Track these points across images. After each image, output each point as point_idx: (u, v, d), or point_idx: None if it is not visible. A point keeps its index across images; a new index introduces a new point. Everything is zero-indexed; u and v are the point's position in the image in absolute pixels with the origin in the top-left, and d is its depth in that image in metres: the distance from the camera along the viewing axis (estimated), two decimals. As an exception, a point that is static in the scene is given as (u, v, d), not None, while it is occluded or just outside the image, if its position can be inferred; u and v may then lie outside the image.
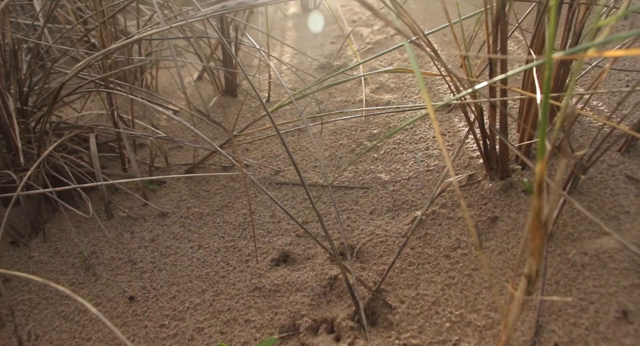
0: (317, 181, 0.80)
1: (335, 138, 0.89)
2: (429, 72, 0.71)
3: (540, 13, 0.64)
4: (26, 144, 0.82)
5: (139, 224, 0.77)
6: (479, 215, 0.66)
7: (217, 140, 0.93)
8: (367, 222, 0.71)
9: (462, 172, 0.73)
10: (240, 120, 0.99)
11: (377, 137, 0.87)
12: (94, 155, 0.79)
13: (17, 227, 0.79)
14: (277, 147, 0.90)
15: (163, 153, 0.88)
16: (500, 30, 0.57)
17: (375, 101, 0.97)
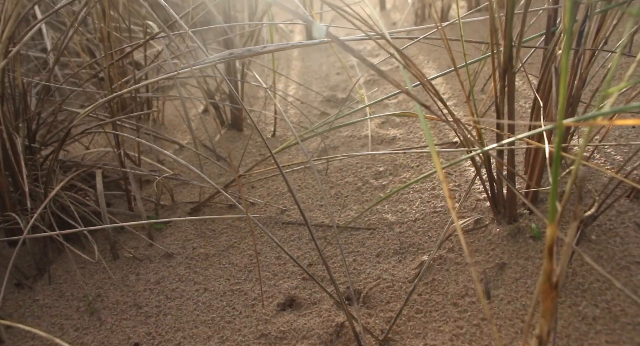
0: (322, 221, 0.80)
1: (341, 175, 0.89)
2: (436, 117, 0.71)
3: (547, 60, 0.64)
4: (32, 182, 0.83)
5: (145, 265, 0.77)
6: (487, 261, 0.65)
7: (223, 176, 0.94)
8: (373, 265, 0.71)
9: (469, 214, 0.73)
10: (247, 155, 0.99)
11: (382, 174, 0.87)
12: (100, 195, 0.80)
13: (22, 268, 0.79)
14: (283, 184, 0.90)
15: (169, 190, 0.88)
16: (508, 80, 0.57)
17: (380, 136, 0.97)
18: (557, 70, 0.58)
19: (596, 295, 0.56)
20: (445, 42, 0.64)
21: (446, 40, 0.65)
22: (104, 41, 0.76)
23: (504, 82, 0.56)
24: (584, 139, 0.39)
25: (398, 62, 0.55)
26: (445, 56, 1.28)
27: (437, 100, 0.58)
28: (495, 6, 0.54)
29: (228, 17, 1.00)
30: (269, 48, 0.64)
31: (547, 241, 0.40)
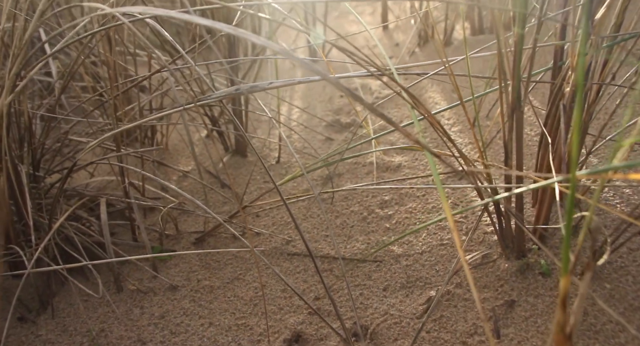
0: (328, 252, 0.79)
1: (347, 204, 0.89)
2: (442, 152, 0.71)
3: (554, 95, 0.64)
4: (36, 212, 0.82)
5: (149, 298, 0.76)
6: (496, 297, 0.64)
7: (228, 204, 0.93)
8: (380, 300, 0.70)
9: (477, 248, 0.72)
10: (251, 182, 0.99)
11: (388, 203, 0.87)
12: (104, 226, 0.79)
13: (24, 300, 0.78)
14: (288, 213, 0.89)
15: (173, 220, 0.88)
16: (516, 120, 0.56)
17: (385, 164, 0.96)
18: (565, 108, 0.58)
19: (609, 338, 0.55)
20: (451, 78, 0.64)
21: (452, 76, 0.65)
22: (110, 73, 0.76)
23: (512, 121, 0.56)
24: (596, 194, 0.38)
25: (405, 100, 0.55)
26: (450, 79, 1.28)
27: (446, 140, 0.58)
28: (503, 44, 0.54)
29: (232, 47, 1.00)
30: (275, 84, 0.64)
31: (560, 292, 0.39)
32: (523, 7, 0.47)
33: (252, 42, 0.48)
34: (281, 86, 0.64)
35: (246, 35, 0.41)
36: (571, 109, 0.57)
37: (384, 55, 0.67)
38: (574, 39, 0.60)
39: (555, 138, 0.63)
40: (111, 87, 0.75)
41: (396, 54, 1.55)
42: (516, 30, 0.50)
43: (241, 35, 0.40)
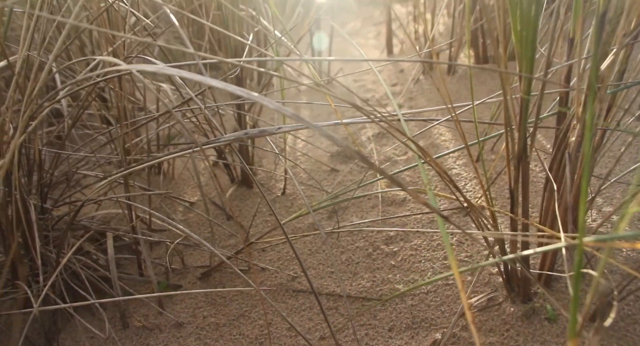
0: (334, 290, 0.79)
1: (352, 239, 0.89)
2: (446, 195, 0.71)
3: (559, 140, 0.65)
4: (43, 246, 0.83)
5: (155, 336, 0.76)
6: (502, 343, 0.64)
7: (234, 238, 0.93)
8: (386, 341, 0.70)
9: (482, 290, 0.72)
10: (258, 215, 0.99)
11: (393, 239, 0.87)
12: (111, 261, 0.79)
13: (30, 336, 0.78)
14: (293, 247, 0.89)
15: (179, 253, 0.88)
16: (522, 169, 0.57)
17: (390, 197, 0.97)
18: (571, 157, 0.59)
19: (615, 389, 0.55)
20: (457, 125, 0.65)
21: (458, 122, 0.66)
22: (119, 110, 0.77)
23: (519, 171, 0.56)
24: (602, 261, 0.38)
25: (413, 151, 0.55)
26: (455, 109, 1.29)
27: (453, 188, 0.58)
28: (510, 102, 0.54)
29: (240, 81, 1.01)
30: (283, 129, 0.65)
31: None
32: (529, 68, 0.48)
33: (265, 104, 0.49)
34: (289, 131, 0.65)
35: (261, 99, 0.41)
36: (576, 159, 0.58)
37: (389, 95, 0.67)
38: (579, 87, 0.60)
39: (560, 185, 0.63)
40: (120, 125, 0.76)
41: (401, 80, 1.56)
42: (522, 94, 0.51)
43: (254, 98, 0.41)
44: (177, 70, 0.45)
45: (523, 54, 0.48)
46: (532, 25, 0.46)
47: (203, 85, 0.91)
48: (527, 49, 0.47)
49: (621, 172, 0.89)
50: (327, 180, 1.07)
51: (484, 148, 1.08)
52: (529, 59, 0.48)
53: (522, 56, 0.48)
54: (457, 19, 1.52)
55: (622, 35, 0.53)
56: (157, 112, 1.02)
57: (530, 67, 0.49)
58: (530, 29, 0.46)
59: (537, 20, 0.46)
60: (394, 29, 2.28)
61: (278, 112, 1.34)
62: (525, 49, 0.47)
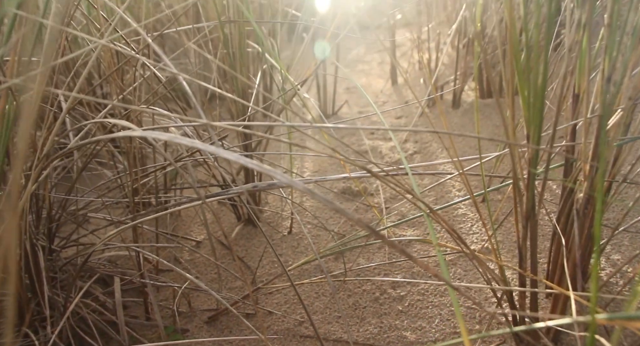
0: (340, 336, 0.79)
1: (359, 282, 0.89)
2: (453, 247, 0.71)
3: (566, 193, 0.65)
4: (51, 289, 0.83)
5: (161, 383, 0.76)
6: (511, 397, 0.64)
7: (242, 276, 0.93)
8: (394, 392, 0.69)
9: (490, 340, 0.72)
10: (265, 255, 0.99)
11: (400, 283, 0.87)
12: (118, 305, 0.79)
13: (37, 383, 0.78)
14: (301, 291, 0.89)
15: (186, 296, 0.88)
16: (530, 228, 0.57)
17: (397, 238, 0.97)
18: (579, 213, 0.59)
19: None
20: (463, 178, 0.65)
21: (464, 175, 0.66)
22: (129, 162, 0.78)
23: (527, 230, 0.57)
24: (615, 336, 0.38)
25: (422, 210, 0.56)
26: (460, 145, 1.29)
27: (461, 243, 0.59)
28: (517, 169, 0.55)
29: (247, 125, 1.02)
30: (292, 183, 0.65)
31: None
32: (537, 136, 0.49)
33: (273, 176, 0.49)
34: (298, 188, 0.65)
35: (269, 171, 0.42)
36: (584, 216, 0.58)
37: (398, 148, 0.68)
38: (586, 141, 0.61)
39: (568, 239, 0.63)
40: (130, 172, 0.77)
41: (406, 112, 1.57)
42: (530, 169, 0.51)
43: (265, 171, 0.42)
44: (189, 140, 0.45)
45: (531, 119, 0.49)
46: (540, 94, 0.47)
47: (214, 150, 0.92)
48: (535, 116, 0.47)
49: (629, 217, 0.90)
50: (333, 218, 1.08)
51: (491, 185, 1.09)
52: (536, 126, 0.48)
53: (530, 121, 0.49)
54: (461, 50, 1.53)
55: (628, 98, 0.53)
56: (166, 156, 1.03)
57: (538, 134, 0.49)
58: (538, 98, 0.47)
59: (544, 88, 0.47)
60: (398, 56, 2.31)
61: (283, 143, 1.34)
62: (534, 116, 0.48)
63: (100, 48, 0.85)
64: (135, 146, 0.82)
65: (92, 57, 0.68)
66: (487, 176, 0.78)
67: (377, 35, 0.99)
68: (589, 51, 0.54)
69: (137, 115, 0.77)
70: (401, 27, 2.96)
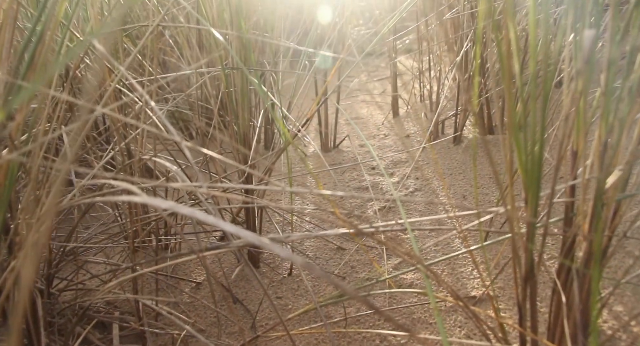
0: (341, 387, 0.78)
1: (359, 327, 0.88)
2: (448, 299, 0.71)
3: (566, 247, 0.65)
4: (48, 335, 0.82)
5: None
6: None
7: (242, 321, 0.93)
8: None
9: (492, 395, 0.71)
10: (265, 298, 0.99)
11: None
12: (116, 354, 0.79)
13: None
14: (302, 340, 0.89)
15: (185, 343, 0.88)
16: (530, 287, 0.57)
17: (398, 282, 0.97)
18: (579, 273, 0.59)
19: None
20: (461, 233, 0.65)
21: (462, 232, 0.66)
22: (130, 219, 0.78)
23: (526, 290, 0.56)
24: None
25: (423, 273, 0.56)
26: (460, 182, 1.30)
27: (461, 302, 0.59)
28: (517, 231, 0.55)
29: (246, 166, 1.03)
30: (292, 237, 0.66)
31: None
32: (533, 207, 0.49)
33: (276, 252, 0.50)
34: (298, 238, 0.65)
35: (278, 249, 0.42)
36: (584, 275, 0.58)
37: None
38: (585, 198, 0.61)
39: (569, 295, 0.63)
40: (131, 220, 0.77)
41: (407, 146, 1.58)
42: (529, 246, 0.51)
43: (265, 246, 0.42)
44: (189, 210, 0.46)
45: (529, 185, 0.49)
46: (537, 163, 0.47)
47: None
48: (533, 184, 0.48)
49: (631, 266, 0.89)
50: (334, 259, 1.07)
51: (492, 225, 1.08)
52: (534, 194, 0.49)
53: (528, 188, 0.49)
54: (463, 83, 1.54)
55: (625, 162, 0.54)
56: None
57: (535, 204, 0.49)
58: (535, 167, 0.47)
59: (541, 157, 0.47)
60: (400, 86, 2.33)
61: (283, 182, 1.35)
62: (531, 184, 0.48)
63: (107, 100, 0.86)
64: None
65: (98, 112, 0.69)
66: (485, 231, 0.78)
67: (378, 63, 1.00)
68: (585, 113, 0.54)
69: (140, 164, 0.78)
70: (403, 53, 3.00)
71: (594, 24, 0.52)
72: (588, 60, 0.47)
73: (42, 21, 0.60)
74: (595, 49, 0.48)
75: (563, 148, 0.53)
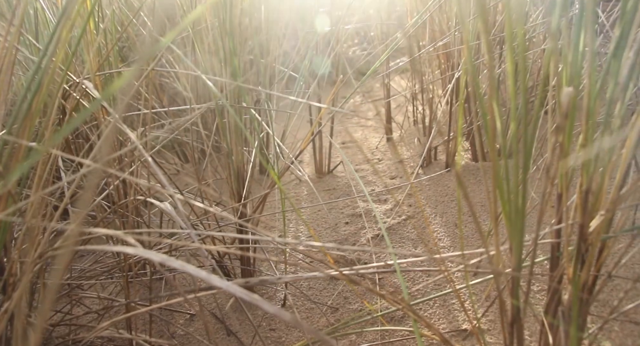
0: None
1: (351, 361, 0.89)
2: (434, 337, 0.72)
3: (552, 289, 0.66)
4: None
5: None
6: None
7: (233, 355, 0.93)
8: None
9: None
10: (259, 329, 0.99)
11: (393, 363, 0.87)
12: (109, 390, 0.79)
13: None
14: (292, 371, 0.89)
15: (178, 376, 0.88)
16: (517, 330, 0.58)
17: (390, 313, 0.97)
18: (564, 315, 0.60)
19: None
20: (445, 273, 0.66)
21: (449, 273, 0.67)
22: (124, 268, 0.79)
23: (513, 336, 0.58)
24: None
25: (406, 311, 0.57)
26: (452, 211, 1.31)
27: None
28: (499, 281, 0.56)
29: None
30: (283, 279, 0.67)
31: None
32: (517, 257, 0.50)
33: (266, 309, 0.50)
34: (289, 280, 0.66)
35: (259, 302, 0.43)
36: (570, 318, 0.59)
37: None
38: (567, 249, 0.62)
39: (555, 336, 0.64)
40: (125, 263, 0.78)
41: (400, 172, 1.59)
42: (513, 298, 0.53)
43: (256, 302, 0.43)
44: (180, 263, 0.47)
45: (512, 235, 0.50)
46: (520, 215, 0.49)
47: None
48: (516, 234, 0.49)
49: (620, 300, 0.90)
50: (327, 289, 1.08)
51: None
52: (517, 243, 0.50)
53: (512, 237, 0.51)
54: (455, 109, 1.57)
55: (605, 210, 0.55)
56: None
57: (519, 253, 0.51)
58: (519, 218, 0.48)
59: (524, 209, 0.49)
60: (394, 108, 2.35)
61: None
62: (515, 234, 0.49)
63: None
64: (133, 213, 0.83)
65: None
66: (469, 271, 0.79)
67: (373, 84, 1.02)
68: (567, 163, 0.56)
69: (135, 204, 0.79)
70: (398, 73, 3.03)
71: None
72: (567, 115, 0.49)
73: (42, 68, 0.62)
74: (574, 104, 0.50)
75: (545, 199, 0.55)
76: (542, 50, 1.38)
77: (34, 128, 0.66)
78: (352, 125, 2.21)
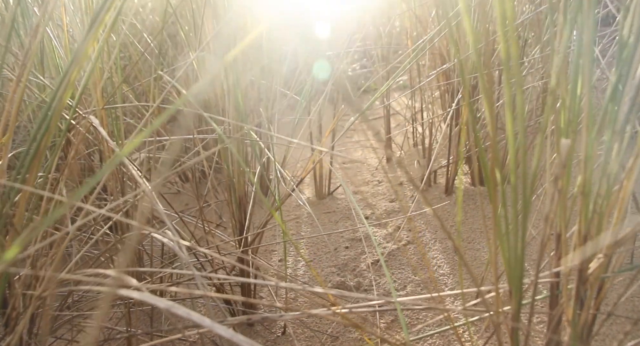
0: None
1: (351, 392, 0.89)
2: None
3: (552, 326, 0.67)
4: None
5: None
6: None
7: (233, 385, 0.93)
8: None
9: None
10: (256, 358, 0.99)
11: (393, 395, 0.87)
12: None
13: None
14: (292, 402, 0.89)
15: (178, 407, 0.88)
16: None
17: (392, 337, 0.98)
18: (564, 356, 0.60)
19: None
20: (448, 317, 0.67)
21: (448, 312, 0.68)
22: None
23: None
24: None
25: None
26: (454, 236, 1.32)
27: None
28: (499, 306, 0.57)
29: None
30: (285, 317, 0.67)
31: None
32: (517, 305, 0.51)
33: None
34: (290, 319, 0.67)
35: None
36: (569, 360, 0.60)
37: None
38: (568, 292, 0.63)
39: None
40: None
41: (400, 195, 1.60)
42: (509, 337, 0.53)
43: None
44: (185, 310, 0.47)
45: (512, 280, 0.51)
46: (519, 262, 0.49)
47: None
48: (516, 280, 0.50)
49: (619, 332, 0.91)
50: (327, 317, 1.08)
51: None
52: (516, 288, 0.51)
53: (512, 282, 0.51)
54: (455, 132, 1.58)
55: (603, 254, 0.56)
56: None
57: (519, 300, 0.51)
58: (517, 265, 0.49)
59: (523, 256, 0.50)
60: (393, 127, 2.37)
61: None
62: (514, 280, 0.50)
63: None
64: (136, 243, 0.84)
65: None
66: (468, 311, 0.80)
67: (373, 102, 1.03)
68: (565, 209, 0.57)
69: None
70: (397, 90, 3.05)
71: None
72: (565, 165, 0.50)
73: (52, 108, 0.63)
74: (572, 154, 0.51)
75: (544, 243, 0.56)
76: (541, 76, 1.40)
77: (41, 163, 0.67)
78: (352, 144, 2.22)
